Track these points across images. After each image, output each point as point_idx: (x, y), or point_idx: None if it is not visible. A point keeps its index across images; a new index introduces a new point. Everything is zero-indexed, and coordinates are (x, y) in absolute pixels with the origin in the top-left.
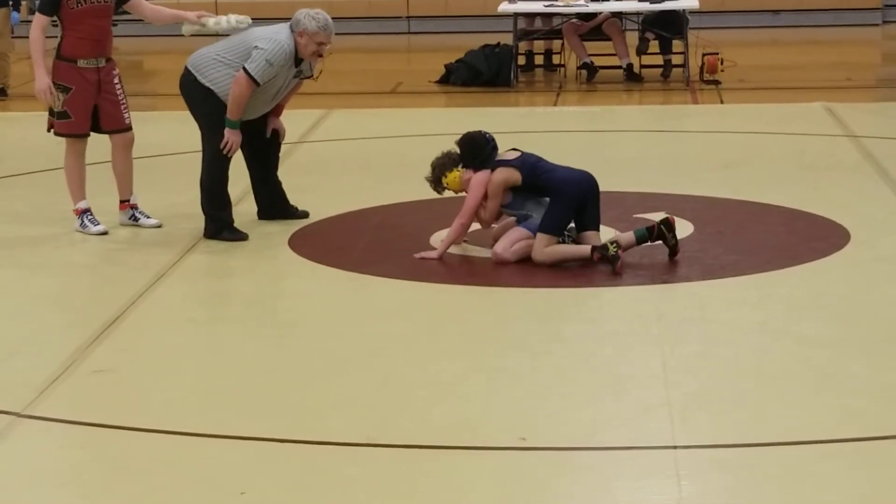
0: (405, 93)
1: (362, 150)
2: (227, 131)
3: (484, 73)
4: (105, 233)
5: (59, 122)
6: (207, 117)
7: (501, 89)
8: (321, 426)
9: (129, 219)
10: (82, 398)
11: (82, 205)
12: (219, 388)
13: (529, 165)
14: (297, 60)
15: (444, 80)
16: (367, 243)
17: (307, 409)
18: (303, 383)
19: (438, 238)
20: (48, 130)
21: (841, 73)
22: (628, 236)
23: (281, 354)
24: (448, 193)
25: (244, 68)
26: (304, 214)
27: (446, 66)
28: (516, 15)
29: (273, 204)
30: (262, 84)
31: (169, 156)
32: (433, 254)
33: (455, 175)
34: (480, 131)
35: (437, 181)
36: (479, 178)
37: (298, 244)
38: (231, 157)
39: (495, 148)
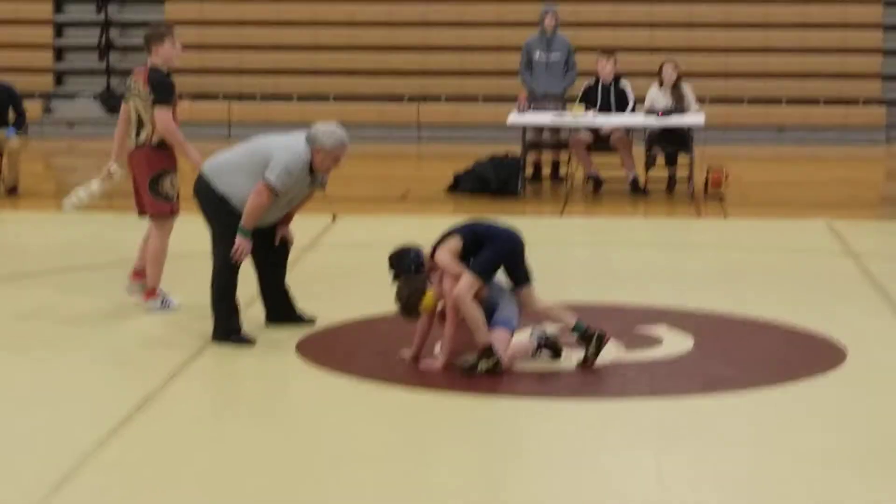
0: (414, 200)
1: (370, 256)
2: (238, 238)
3: (492, 182)
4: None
5: (174, 204)
6: (220, 223)
7: (509, 199)
8: None
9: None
10: (93, 494)
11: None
12: (223, 490)
13: (466, 227)
14: (311, 170)
15: (453, 189)
16: (373, 351)
17: None
18: (305, 487)
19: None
20: (141, 214)
21: (844, 190)
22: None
23: (285, 458)
24: None
25: (264, 178)
26: (312, 320)
27: (455, 174)
28: (525, 126)
29: (281, 309)
30: (281, 193)
31: (179, 258)
32: (436, 363)
33: (428, 296)
34: (400, 247)
35: (413, 310)
36: (440, 255)
37: (306, 350)
38: (240, 263)
39: (419, 254)
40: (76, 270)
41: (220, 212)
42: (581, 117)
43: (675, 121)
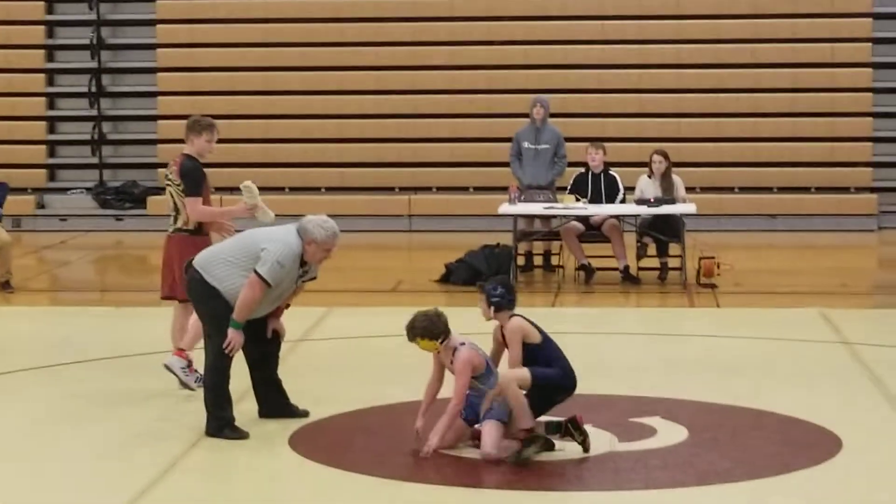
0: (406, 291)
1: (362, 349)
2: (230, 332)
3: (484, 272)
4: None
5: None
6: (212, 317)
7: None
8: None
9: (182, 369)
10: None
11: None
12: None
13: (544, 333)
14: (302, 262)
15: (445, 280)
16: (365, 444)
17: None
18: None
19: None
20: (168, 298)
21: (837, 278)
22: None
23: None
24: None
25: (255, 271)
26: (305, 413)
27: (447, 265)
28: (516, 216)
29: (274, 403)
30: (273, 285)
31: (170, 352)
32: (432, 443)
33: (432, 344)
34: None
35: (414, 334)
36: (464, 358)
37: (298, 443)
38: (233, 356)
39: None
40: (68, 366)
41: (212, 305)
42: (572, 206)
43: (666, 209)
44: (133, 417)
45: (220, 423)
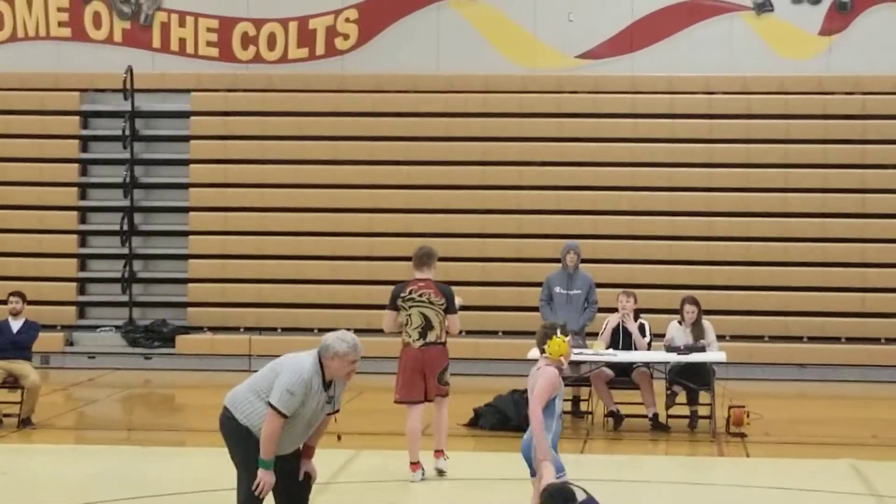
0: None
1: (388, 493)
2: (260, 472)
3: (512, 418)
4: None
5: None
6: (244, 457)
7: None
8: None
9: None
10: None
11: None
12: None
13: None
14: (326, 385)
15: (473, 424)
16: None
17: None
18: None
19: None
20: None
21: (867, 429)
22: None
23: None
24: None
25: (269, 404)
26: None
27: (475, 409)
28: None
29: None
30: (289, 416)
31: (200, 492)
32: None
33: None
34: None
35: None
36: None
37: None
38: (263, 498)
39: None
40: None
41: (242, 443)
42: (602, 353)
43: (696, 357)
44: None
45: None
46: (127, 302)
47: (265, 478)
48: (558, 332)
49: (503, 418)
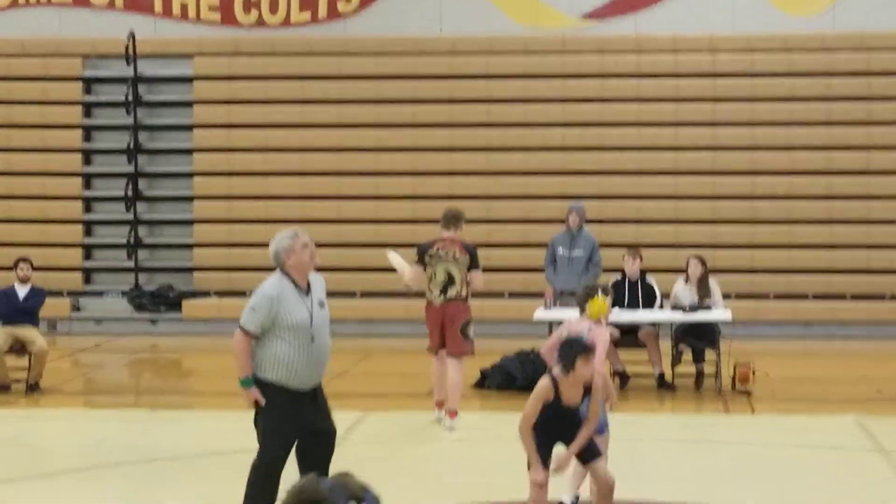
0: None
1: (396, 453)
2: (243, 392)
3: (519, 378)
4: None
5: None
6: (261, 416)
7: None
8: None
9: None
10: None
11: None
12: None
13: None
14: (306, 291)
15: (480, 385)
16: None
17: None
18: None
19: None
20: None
21: (872, 385)
22: None
23: None
24: None
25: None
26: None
27: (482, 370)
28: (551, 322)
29: None
30: (253, 330)
31: (205, 455)
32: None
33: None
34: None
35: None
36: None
37: None
38: (278, 458)
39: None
40: (105, 469)
41: (263, 406)
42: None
43: (702, 316)
44: None
45: None
46: (133, 267)
47: (246, 395)
48: (599, 292)
49: (509, 378)
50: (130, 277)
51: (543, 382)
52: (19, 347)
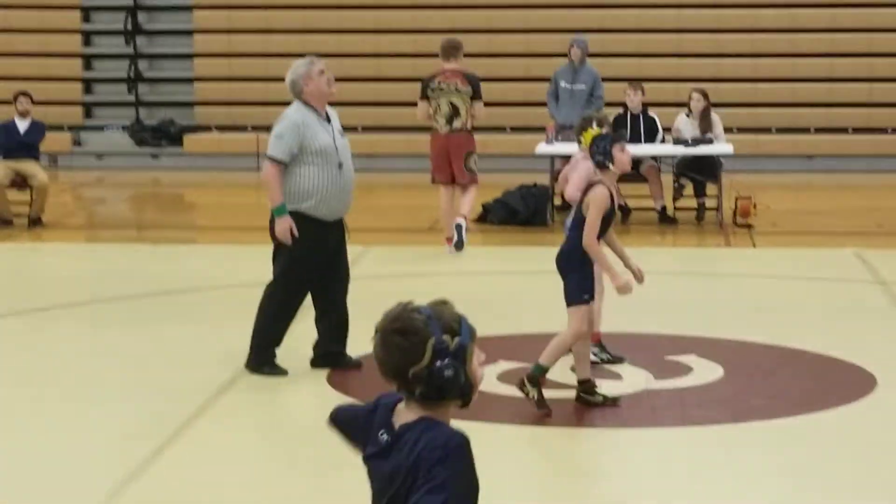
0: (442, 230)
1: (398, 287)
2: (276, 221)
3: (521, 212)
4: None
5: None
6: (286, 246)
7: (538, 228)
8: None
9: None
10: None
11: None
12: None
13: None
14: (326, 119)
15: (482, 219)
16: None
17: None
18: None
19: None
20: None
21: (873, 218)
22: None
23: (318, 491)
24: None
25: (266, 157)
26: (357, 364)
27: (483, 205)
28: (553, 156)
29: (327, 345)
30: (282, 158)
31: (208, 289)
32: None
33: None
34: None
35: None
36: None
37: (338, 381)
38: (296, 286)
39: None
40: (106, 302)
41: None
42: None
43: (704, 150)
44: (169, 355)
45: (261, 360)
46: (133, 102)
47: (281, 223)
48: (594, 123)
49: (511, 213)
50: (131, 112)
51: (600, 190)
52: (20, 182)
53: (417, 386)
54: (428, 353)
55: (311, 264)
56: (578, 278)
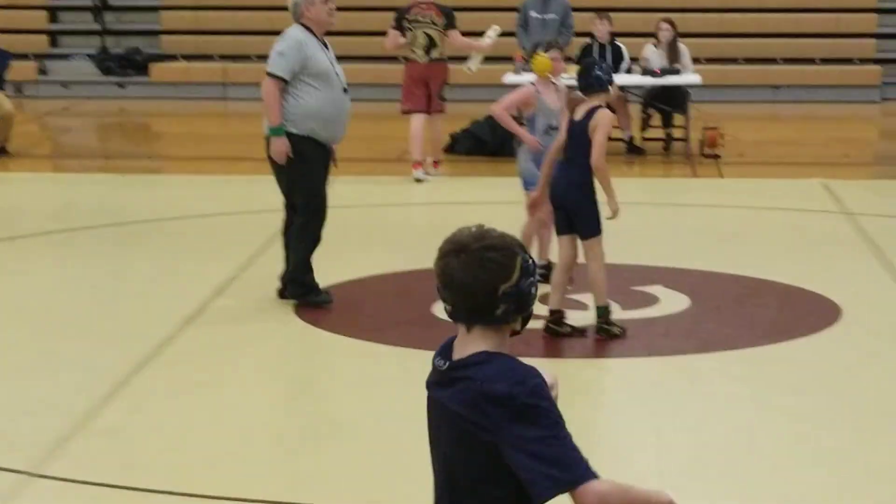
0: (410, 161)
1: (366, 217)
2: (273, 141)
3: (489, 143)
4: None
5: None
6: (294, 160)
7: (506, 159)
8: (326, 490)
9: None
10: (92, 458)
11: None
12: (226, 451)
13: None
14: (324, 45)
15: (449, 150)
16: (372, 311)
17: (312, 473)
18: (308, 448)
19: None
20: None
21: (839, 149)
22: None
23: (287, 420)
24: None
25: (266, 73)
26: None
27: (451, 135)
28: (521, 86)
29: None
30: (283, 75)
31: (174, 220)
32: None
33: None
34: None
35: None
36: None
37: (306, 311)
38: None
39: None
40: (73, 232)
41: (293, 157)
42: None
43: (671, 80)
44: (137, 286)
45: (308, 288)
46: (100, 30)
47: (276, 143)
48: (539, 49)
49: (479, 143)
50: (97, 40)
51: (606, 113)
52: None
53: (501, 305)
54: (517, 271)
55: (325, 185)
56: (595, 209)
